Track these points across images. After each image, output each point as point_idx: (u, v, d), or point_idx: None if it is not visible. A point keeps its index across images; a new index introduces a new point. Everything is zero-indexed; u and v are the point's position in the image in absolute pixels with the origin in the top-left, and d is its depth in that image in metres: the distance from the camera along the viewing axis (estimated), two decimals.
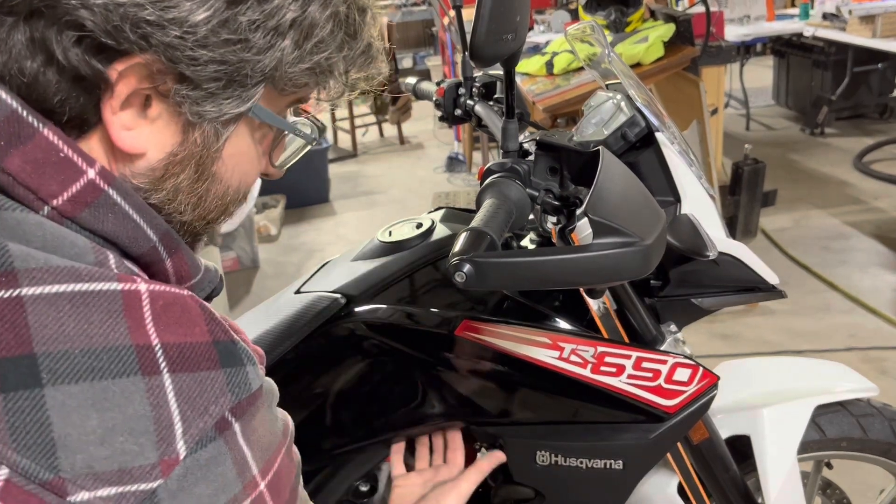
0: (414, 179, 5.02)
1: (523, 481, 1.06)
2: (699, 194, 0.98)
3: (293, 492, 0.58)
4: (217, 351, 0.51)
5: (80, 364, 0.46)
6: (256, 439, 0.52)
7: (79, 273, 0.48)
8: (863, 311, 2.85)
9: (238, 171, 0.62)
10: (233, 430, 0.50)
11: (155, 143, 0.55)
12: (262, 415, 0.54)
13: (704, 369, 1.01)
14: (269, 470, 0.54)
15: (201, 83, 0.53)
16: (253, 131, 0.61)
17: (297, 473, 0.60)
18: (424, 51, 8.01)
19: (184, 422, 0.48)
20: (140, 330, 0.48)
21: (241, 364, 0.52)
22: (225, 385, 0.50)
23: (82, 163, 0.51)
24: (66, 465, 0.44)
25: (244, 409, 0.51)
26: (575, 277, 0.68)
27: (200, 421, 0.48)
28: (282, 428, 0.58)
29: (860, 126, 5.04)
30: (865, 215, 3.70)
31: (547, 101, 2.77)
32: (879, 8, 3.98)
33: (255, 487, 0.52)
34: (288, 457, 0.58)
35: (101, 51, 0.50)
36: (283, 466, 0.56)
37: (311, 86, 0.60)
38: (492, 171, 0.81)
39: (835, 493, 1.40)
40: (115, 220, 0.53)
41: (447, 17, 3.58)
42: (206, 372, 0.50)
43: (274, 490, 0.54)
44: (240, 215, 3.45)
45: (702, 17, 2.89)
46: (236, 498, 0.50)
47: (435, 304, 1.00)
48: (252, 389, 0.52)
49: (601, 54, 1.05)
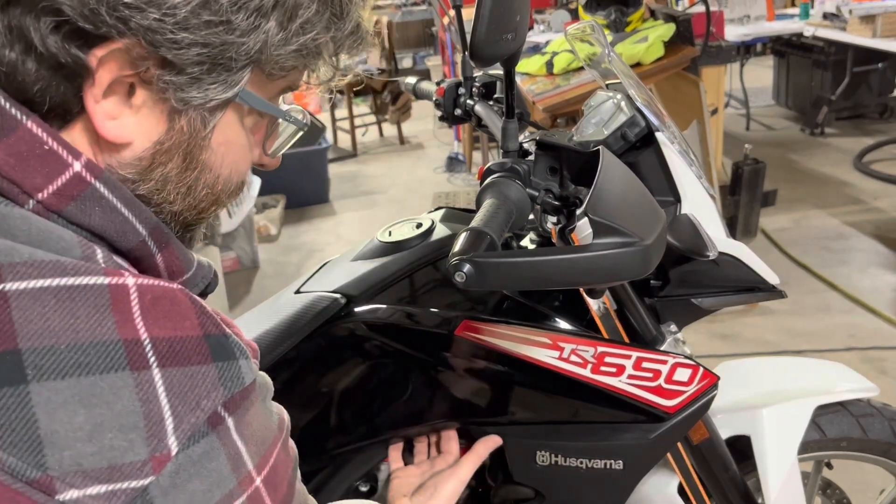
0: (414, 179, 5.02)
1: (523, 481, 1.06)
2: (699, 194, 0.98)
3: (290, 486, 0.58)
4: (208, 345, 0.50)
5: (66, 359, 0.45)
6: (251, 434, 0.52)
7: (64, 267, 0.47)
8: (862, 311, 2.85)
9: (228, 160, 0.60)
10: (226, 424, 0.50)
11: (140, 132, 0.54)
12: (257, 409, 0.53)
13: (704, 369, 1.01)
14: (265, 464, 0.53)
15: (185, 68, 0.52)
16: (242, 119, 0.60)
17: (294, 467, 0.60)
18: (424, 51, 8.01)
19: (175, 417, 0.47)
20: (128, 324, 0.47)
21: (233, 358, 0.51)
22: (217, 379, 0.49)
23: (67, 155, 0.50)
24: (54, 463, 0.44)
25: (238, 404, 0.51)
26: (575, 277, 0.68)
27: (192, 416, 0.48)
28: (277, 422, 0.57)
29: (860, 126, 5.05)
30: (865, 215, 3.70)
31: (547, 100, 2.77)
32: (879, 8, 3.98)
33: (251, 483, 0.52)
34: (284, 451, 0.57)
35: (79, 37, 0.49)
36: (279, 461, 0.55)
37: (300, 69, 0.59)
38: (492, 171, 0.81)
39: (835, 493, 1.40)
40: (103, 213, 0.52)
41: (447, 16, 3.58)
42: (198, 366, 0.49)
43: (271, 485, 0.54)
44: (239, 215, 3.45)
45: (702, 16, 2.89)
46: (232, 493, 0.50)
47: (435, 304, 1.00)
48: (245, 383, 0.51)
49: (601, 54, 1.05)
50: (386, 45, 5.75)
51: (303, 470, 1.03)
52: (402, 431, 1.05)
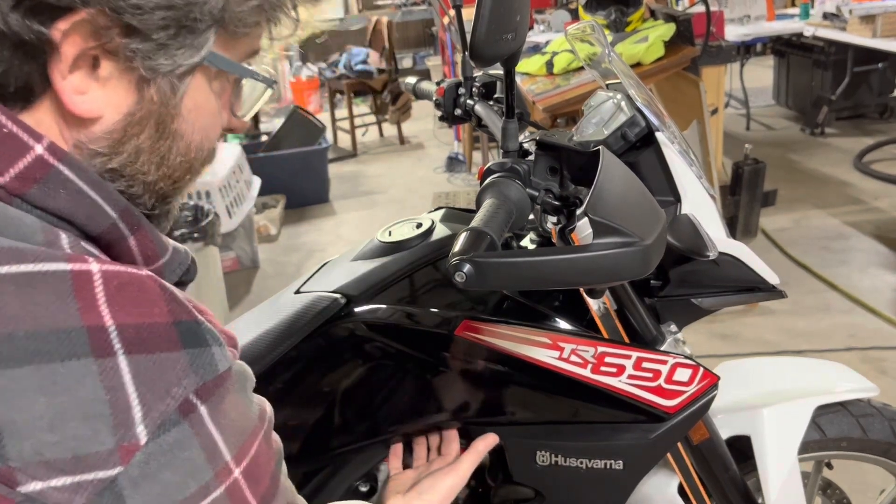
0: (414, 179, 5.02)
1: (523, 481, 1.06)
2: (699, 194, 0.98)
3: (273, 481, 0.56)
4: (178, 331, 0.49)
5: (24, 347, 0.44)
6: (228, 423, 0.50)
7: (23, 254, 0.46)
8: (862, 311, 2.85)
9: (199, 126, 0.59)
10: (199, 413, 0.48)
11: (110, 105, 0.53)
12: (234, 398, 0.52)
13: (704, 369, 1.01)
14: (244, 456, 0.52)
15: (150, 34, 0.51)
16: (210, 82, 0.59)
17: (277, 461, 0.58)
18: (424, 51, 8.02)
19: (143, 405, 0.46)
20: (92, 311, 0.46)
21: (205, 345, 0.50)
22: (188, 366, 0.48)
23: (28, 138, 0.50)
24: (14, 453, 0.43)
25: (211, 391, 0.49)
26: (575, 277, 0.68)
27: (161, 404, 0.46)
28: (257, 413, 0.56)
29: (860, 126, 5.05)
30: (865, 215, 3.70)
31: (547, 100, 2.77)
32: (879, 8, 3.98)
33: (229, 474, 0.50)
34: (266, 443, 0.56)
35: (41, 11, 0.48)
36: (260, 453, 0.54)
37: (263, 24, 0.59)
38: (492, 171, 0.81)
39: (835, 493, 1.40)
40: (69, 196, 0.51)
41: (447, 16, 3.58)
42: (167, 353, 0.47)
43: (251, 478, 0.52)
44: (239, 215, 3.45)
45: (702, 16, 2.89)
46: (208, 485, 0.49)
47: (435, 304, 1.00)
48: (219, 371, 0.50)
49: (601, 54, 1.05)
50: (386, 45, 5.75)
51: (303, 470, 1.04)
52: (402, 431, 1.05)
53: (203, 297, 2.63)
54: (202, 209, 2.72)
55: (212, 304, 2.73)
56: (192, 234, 2.47)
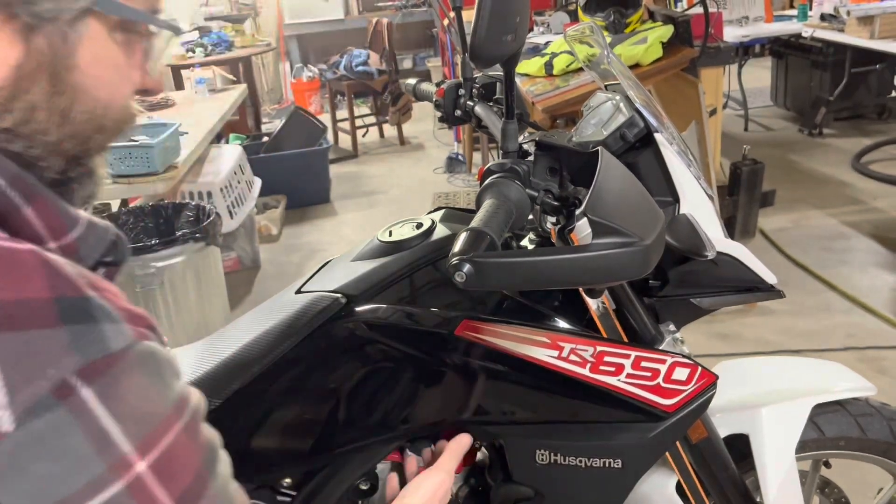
0: (414, 180, 5.02)
1: (523, 481, 1.06)
2: (698, 194, 0.99)
3: (199, 479, 0.50)
4: (58, 307, 0.44)
5: None
6: (125, 410, 0.45)
7: None
8: (861, 311, 2.85)
9: (104, 82, 0.55)
10: (79, 396, 0.43)
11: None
12: (135, 381, 0.46)
13: (703, 368, 1.01)
14: (150, 448, 0.46)
15: None
16: (110, 33, 0.54)
17: (207, 458, 0.51)
18: (424, 52, 8.01)
19: (8, 388, 0.41)
20: None
21: (92, 321, 0.45)
22: (67, 344, 0.44)
23: None
24: None
25: (99, 372, 0.44)
26: (574, 277, 0.69)
27: (31, 386, 0.42)
28: (174, 400, 0.50)
29: (858, 126, 5.05)
30: (864, 215, 3.70)
31: (546, 101, 2.78)
32: (877, 9, 3.99)
33: (129, 468, 0.45)
34: (187, 436, 0.50)
35: None
36: (178, 446, 0.48)
37: None
38: (492, 172, 0.81)
39: (833, 492, 1.40)
40: None
41: (447, 18, 3.58)
42: (39, 330, 0.43)
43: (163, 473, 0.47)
44: (240, 215, 3.45)
45: (700, 18, 2.89)
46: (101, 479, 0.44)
47: (435, 304, 1.00)
48: (111, 349, 0.45)
49: (600, 55, 1.05)
50: (386, 46, 5.76)
51: (303, 469, 1.04)
52: (402, 430, 1.06)
53: (204, 297, 2.63)
54: (203, 209, 2.72)
55: (213, 305, 2.73)
56: (194, 234, 2.47)
